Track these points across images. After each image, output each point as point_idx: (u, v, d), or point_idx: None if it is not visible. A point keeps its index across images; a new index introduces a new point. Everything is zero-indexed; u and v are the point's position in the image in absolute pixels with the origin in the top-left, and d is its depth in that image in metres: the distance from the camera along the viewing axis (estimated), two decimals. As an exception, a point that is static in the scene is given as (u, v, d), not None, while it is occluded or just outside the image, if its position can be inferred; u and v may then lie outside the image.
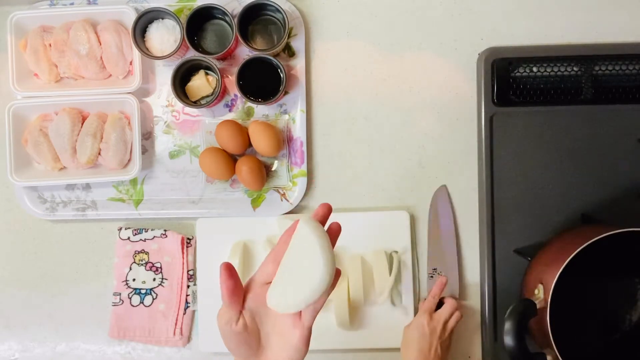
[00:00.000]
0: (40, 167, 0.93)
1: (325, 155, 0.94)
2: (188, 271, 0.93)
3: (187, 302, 0.93)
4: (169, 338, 0.93)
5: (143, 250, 0.94)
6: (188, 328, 0.93)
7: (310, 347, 0.62)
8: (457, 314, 0.87)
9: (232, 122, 0.90)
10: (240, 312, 0.55)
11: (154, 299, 0.93)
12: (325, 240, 0.52)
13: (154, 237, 0.93)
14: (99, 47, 0.91)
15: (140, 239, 0.94)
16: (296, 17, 0.92)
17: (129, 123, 0.92)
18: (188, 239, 0.94)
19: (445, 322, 0.85)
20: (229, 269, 0.54)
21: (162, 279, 0.94)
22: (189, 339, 0.94)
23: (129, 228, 0.94)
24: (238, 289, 0.55)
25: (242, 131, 0.90)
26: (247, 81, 0.89)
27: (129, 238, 0.94)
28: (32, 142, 0.91)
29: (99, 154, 0.91)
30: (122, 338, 0.94)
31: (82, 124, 0.91)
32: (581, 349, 0.83)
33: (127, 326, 0.93)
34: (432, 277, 0.91)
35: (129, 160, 0.92)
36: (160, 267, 0.94)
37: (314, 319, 0.55)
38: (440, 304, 0.88)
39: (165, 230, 0.93)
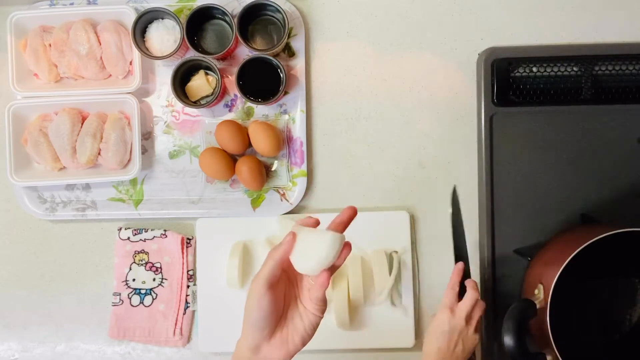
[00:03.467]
0: (40, 167, 0.93)
1: (325, 155, 0.94)
2: (188, 271, 0.93)
3: (187, 302, 0.93)
4: (168, 338, 0.93)
5: (143, 250, 0.94)
6: (188, 328, 0.93)
7: (310, 347, 0.63)
8: (480, 304, 0.80)
9: (232, 122, 0.90)
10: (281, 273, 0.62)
11: (153, 299, 0.93)
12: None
13: (154, 237, 0.93)
14: (98, 47, 0.91)
15: (140, 239, 0.94)
16: (296, 17, 0.92)
17: (129, 123, 0.92)
18: (188, 239, 0.94)
19: (468, 316, 0.79)
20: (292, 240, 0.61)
21: (162, 279, 0.94)
22: (188, 339, 0.94)
23: (129, 228, 0.94)
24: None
25: (242, 131, 0.90)
26: (247, 81, 0.89)
27: (128, 238, 0.94)
28: (32, 142, 0.91)
29: (99, 154, 0.91)
30: (122, 338, 0.93)
31: (82, 124, 0.91)
32: (581, 349, 0.82)
33: (127, 326, 0.93)
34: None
35: (129, 160, 0.92)
36: (160, 267, 0.94)
37: (327, 282, 0.60)
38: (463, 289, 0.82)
39: (165, 231, 0.93)
